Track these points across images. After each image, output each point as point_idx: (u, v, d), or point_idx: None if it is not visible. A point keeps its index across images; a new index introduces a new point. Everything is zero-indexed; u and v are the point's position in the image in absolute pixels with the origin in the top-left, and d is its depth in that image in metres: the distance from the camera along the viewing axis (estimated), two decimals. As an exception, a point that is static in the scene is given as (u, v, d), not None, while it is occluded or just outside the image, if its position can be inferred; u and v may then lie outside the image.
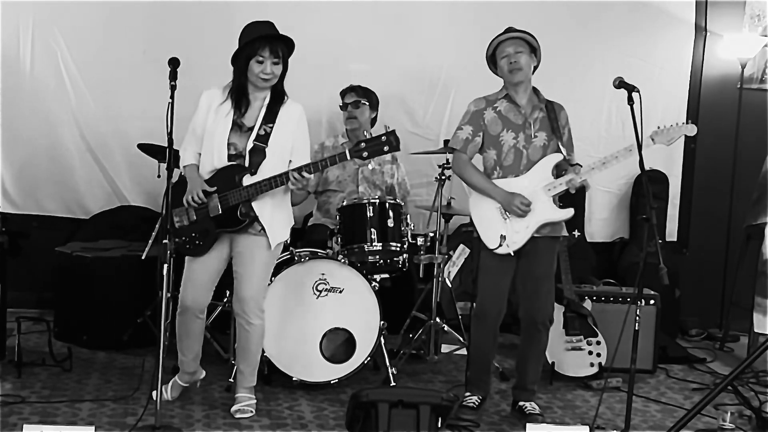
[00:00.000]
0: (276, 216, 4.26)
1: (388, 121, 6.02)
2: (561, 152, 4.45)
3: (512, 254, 4.40)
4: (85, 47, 5.86)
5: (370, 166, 5.52)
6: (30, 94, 5.83)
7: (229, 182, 4.14)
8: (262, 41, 4.14)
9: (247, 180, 4.15)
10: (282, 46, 4.18)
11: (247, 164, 4.17)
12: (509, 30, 4.49)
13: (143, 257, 5.14)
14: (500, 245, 4.39)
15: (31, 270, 5.55)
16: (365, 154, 4.12)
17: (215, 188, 4.16)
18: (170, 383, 4.47)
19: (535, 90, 4.54)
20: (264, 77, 4.15)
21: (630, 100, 4.01)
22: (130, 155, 5.77)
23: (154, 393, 3.94)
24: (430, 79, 6.29)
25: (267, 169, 4.16)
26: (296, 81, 6.06)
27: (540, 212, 4.40)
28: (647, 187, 4.04)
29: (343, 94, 5.57)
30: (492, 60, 4.52)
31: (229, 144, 4.17)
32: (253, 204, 4.17)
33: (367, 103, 5.51)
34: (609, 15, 6.44)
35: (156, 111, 4.29)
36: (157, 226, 5.08)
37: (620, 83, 4.10)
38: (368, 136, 5.52)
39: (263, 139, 4.18)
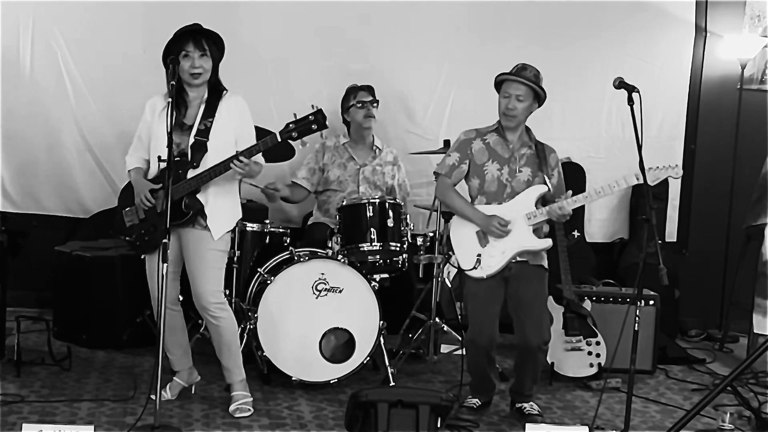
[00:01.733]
0: (219, 205, 4.29)
1: (388, 122, 6.08)
2: (546, 185, 4.45)
3: (485, 277, 4.41)
4: (85, 47, 5.86)
5: (370, 167, 5.53)
6: (30, 93, 5.83)
7: (175, 178, 4.14)
8: (185, 36, 4.21)
9: (192, 174, 4.20)
10: (207, 40, 4.23)
11: (189, 159, 4.22)
12: (521, 71, 4.44)
13: (143, 257, 5.13)
14: (474, 268, 4.41)
15: (31, 269, 5.55)
16: (295, 134, 4.18)
17: (160, 185, 4.19)
18: (169, 383, 4.47)
19: (527, 129, 4.56)
20: (193, 71, 4.20)
21: (630, 101, 4.01)
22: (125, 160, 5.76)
23: (153, 395, 3.95)
24: (429, 79, 6.28)
25: (209, 162, 4.21)
26: (296, 80, 6.11)
27: (517, 239, 4.40)
28: (647, 188, 4.04)
29: (355, 92, 5.54)
30: (497, 88, 4.51)
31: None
32: (198, 196, 4.22)
33: (377, 102, 5.53)
34: (609, 15, 6.43)
35: (156, 110, 4.30)
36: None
37: (620, 83, 4.09)
38: (380, 146, 5.56)
39: (204, 133, 4.23)
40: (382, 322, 4.83)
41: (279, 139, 4.21)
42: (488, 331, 4.43)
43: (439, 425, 3.79)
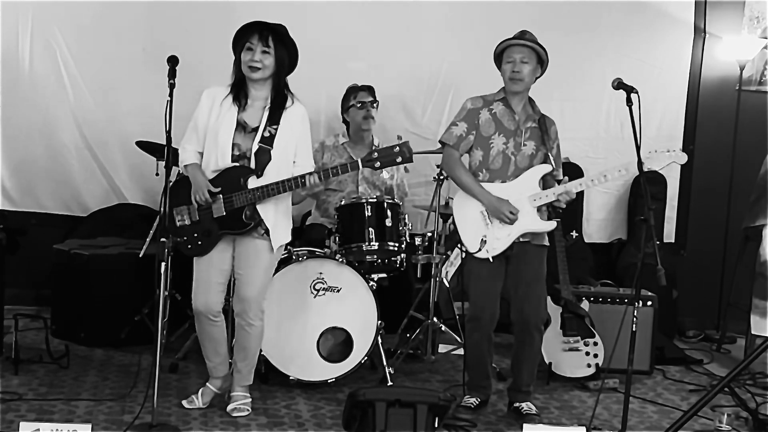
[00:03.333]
0: (279, 219, 4.24)
1: (387, 122, 6.08)
2: (550, 163, 4.46)
3: (491, 260, 4.41)
4: (85, 45, 5.86)
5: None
6: (29, 91, 5.84)
7: (234, 184, 4.11)
8: (252, 27, 4.15)
9: (253, 182, 4.12)
10: (273, 36, 4.16)
11: (252, 166, 4.14)
12: (522, 35, 4.46)
13: (141, 255, 5.15)
14: (479, 249, 4.41)
15: (29, 267, 5.55)
16: (378, 164, 4.11)
17: (219, 189, 4.13)
18: (200, 390, 4.40)
19: (531, 101, 4.55)
20: (252, 65, 4.12)
21: (629, 101, 4.02)
22: (128, 153, 5.77)
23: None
24: (428, 79, 6.29)
25: (272, 171, 4.14)
26: (296, 80, 6.08)
27: (522, 221, 4.41)
28: (645, 188, 4.04)
29: (355, 92, 5.53)
30: (498, 59, 4.51)
31: (233, 144, 4.14)
32: (258, 207, 4.15)
33: (377, 103, 5.52)
34: (608, 16, 6.44)
35: (155, 109, 4.31)
36: (155, 224, 5.09)
37: (619, 84, 4.10)
38: (379, 146, 5.55)
39: (268, 140, 4.14)
40: (380, 321, 4.84)
41: (360, 167, 4.15)
42: (490, 308, 4.48)
43: (436, 425, 3.79)
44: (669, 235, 6.73)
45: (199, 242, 4.22)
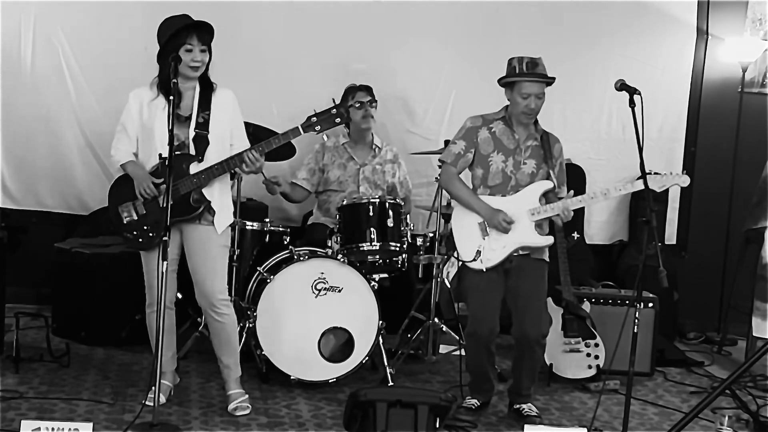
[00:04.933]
0: (224, 201, 4.30)
1: (388, 122, 6.08)
2: (552, 181, 4.45)
3: (484, 270, 4.41)
4: (87, 44, 5.85)
5: (370, 167, 5.52)
6: (31, 90, 5.83)
7: (177, 172, 4.11)
8: (190, 29, 4.18)
9: (195, 167, 4.18)
10: (206, 34, 4.22)
11: (192, 152, 4.20)
12: (535, 69, 4.41)
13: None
14: (474, 260, 4.41)
15: (30, 266, 5.55)
16: (318, 127, 4.18)
17: (162, 180, 4.13)
18: (153, 388, 4.39)
19: (534, 120, 4.54)
20: (194, 65, 4.18)
21: (631, 103, 4.01)
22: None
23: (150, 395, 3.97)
24: (430, 79, 6.28)
25: (212, 155, 4.21)
26: (296, 81, 6.10)
27: (519, 235, 4.40)
28: (648, 191, 4.04)
29: (353, 92, 5.53)
30: (508, 84, 4.46)
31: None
32: (203, 190, 4.19)
33: (376, 102, 5.52)
34: (610, 17, 6.44)
35: (157, 108, 4.30)
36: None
37: (622, 85, 4.09)
38: (381, 146, 5.55)
39: (203, 126, 4.21)
40: (381, 321, 4.83)
41: (302, 132, 4.20)
42: (489, 322, 4.45)
43: (437, 425, 3.79)
44: (670, 237, 6.73)
45: (151, 234, 4.24)
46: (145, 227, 4.26)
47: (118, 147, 4.32)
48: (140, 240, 4.28)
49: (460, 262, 4.50)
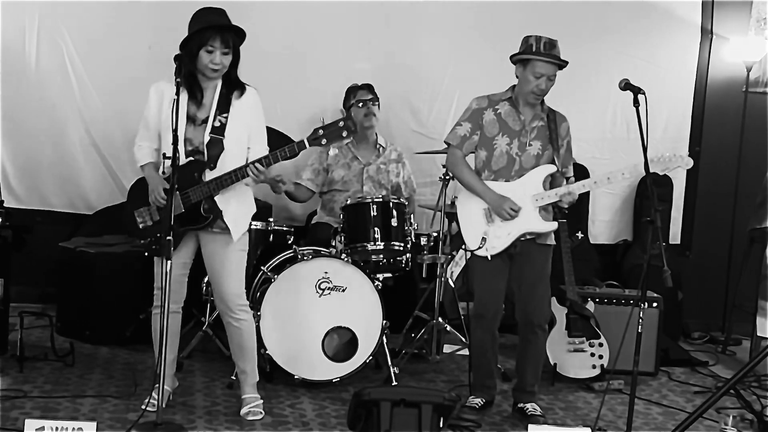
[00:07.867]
0: (240, 209, 4.20)
1: (393, 121, 6.08)
2: (555, 164, 4.45)
3: (489, 258, 4.41)
4: (91, 43, 5.86)
5: (374, 166, 5.52)
6: (35, 89, 5.84)
7: (189, 179, 4.07)
8: (213, 31, 4.04)
9: (208, 175, 4.10)
10: (233, 36, 4.09)
11: (205, 159, 4.10)
12: (552, 48, 4.40)
13: (147, 254, 5.13)
14: (479, 247, 4.41)
15: (35, 265, 5.54)
16: (324, 141, 4.06)
17: (176, 186, 4.06)
18: (153, 392, 4.33)
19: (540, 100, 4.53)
20: (213, 67, 4.06)
21: (636, 102, 4.01)
22: (134, 151, 5.76)
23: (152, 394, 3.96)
24: (434, 79, 6.29)
25: (227, 161, 4.10)
26: (301, 80, 6.10)
27: (524, 221, 4.40)
28: (652, 190, 4.03)
29: (355, 91, 5.54)
30: (521, 62, 4.43)
31: (185, 139, 4.09)
32: (216, 199, 4.12)
33: (378, 101, 5.52)
34: (615, 16, 6.44)
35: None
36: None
37: (626, 85, 4.09)
38: (384, 145, 5.53)
39: (219, 130, 4.09)
40: (385, 321, 4.83)
41: (307, 146, 4.06)
42: (494, 305, 4.49)
43: (441, 425, 3.79)
44: (675, 236, 6.73)
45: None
46: (159, 234, 4.17)
47: (141, 144, 4.24)
48: (154, 247, 4.22)
49: (468, 253, 4.49)
